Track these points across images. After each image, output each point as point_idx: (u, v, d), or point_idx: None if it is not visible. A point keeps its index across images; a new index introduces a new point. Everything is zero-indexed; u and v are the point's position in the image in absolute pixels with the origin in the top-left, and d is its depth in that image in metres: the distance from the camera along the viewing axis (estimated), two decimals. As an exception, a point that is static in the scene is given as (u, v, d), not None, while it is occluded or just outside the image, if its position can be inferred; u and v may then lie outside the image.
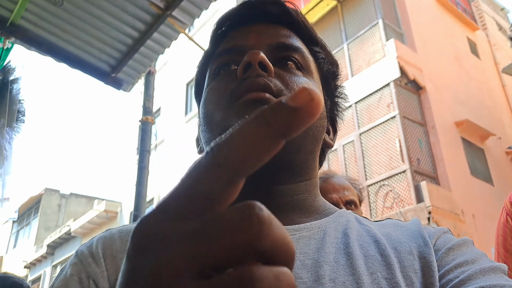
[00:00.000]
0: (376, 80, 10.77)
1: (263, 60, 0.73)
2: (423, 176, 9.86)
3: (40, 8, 3.30)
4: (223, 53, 0.82)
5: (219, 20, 0.88)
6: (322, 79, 0.86)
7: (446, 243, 0.70)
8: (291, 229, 0.72)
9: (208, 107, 0.78)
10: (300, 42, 0.84)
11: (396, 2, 12.16)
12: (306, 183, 0.79)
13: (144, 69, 3.86)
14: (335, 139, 0.89)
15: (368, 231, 0.74)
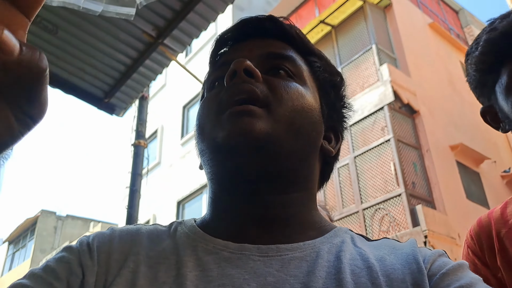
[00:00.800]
0: (370, 104, 10.86)
1: (248, 67, 0.74)
2: (418, 199, 9.86)
3: (35, 36, 3.39)
4: (218, 67, 0.85)
5: (217, 39, 0.90)
6: (319, 88, 0.86)
7: (441, 267, 0.68)
8: (284, 249, 0.70)
9: (199, 119, 0.79)
10: (294, 52, 0.85)
11: (389, 28, 12.34)
12: (300, 194, 0.77)
13: (137, 95, 3.94)
14: (338, 147, 0.87)
15: (361, 255, 0.72)
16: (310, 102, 0.79)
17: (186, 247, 0.72)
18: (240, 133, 0.69)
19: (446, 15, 15.89)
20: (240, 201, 0.75)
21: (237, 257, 0.69)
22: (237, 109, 0.71)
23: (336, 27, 12.80)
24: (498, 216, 1.19)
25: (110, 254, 0.70)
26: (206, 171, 0.79)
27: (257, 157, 0.71)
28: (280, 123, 0.72)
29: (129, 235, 0.76)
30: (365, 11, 12.15)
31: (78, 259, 0.68)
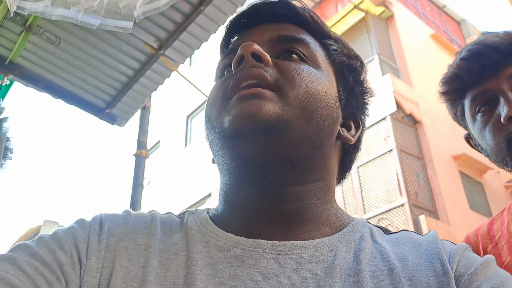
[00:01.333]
0: (373, 114, 10.85)
1: (256, 51, 0.71)
2: (421, 210, 9.83)
3: (38, 47, 3.43)
4: (227, 53, 0.81)
5: (227, 26, 0.86)
6: (336, 72, 0.81)
7: (468, 266, 0.64)
8: (299, 246, 0.66)
9: (208, 107, 0.76)
10: (308, 35, 0.81)
11: (391, 39, 12.38)
12: (314, 185, 0.72)
13: (138, 105, 3.97)
14: (358, 135, 0.82)
15: (382, 254, 0.67)
16: (325, 85, 0.74)
17: (197, 242, 0.68)
18: (247, 115, 0.65)
19: (448, 26, 15.94)
20: (251, 193, 0.71)
21: (250, 255, 0.65)
22: (244, 92, 0.68)
23: (338, 37, 12.85)
24: (484, 232, 1.19)
25: (121, 239, 0.67)
26: (216, 162, 0.76)
27: (266, 142, 0.66)
28: (292, 107, 0.68)
29: (143, 222, 0.73)
30: (367, 22, 12.21)
31: (87, 236, 0.67)
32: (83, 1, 1.24)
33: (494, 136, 1.09)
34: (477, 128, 1.15)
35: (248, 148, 0.67)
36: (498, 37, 1.12)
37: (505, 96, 1.07)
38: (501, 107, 1.07)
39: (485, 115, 1.12)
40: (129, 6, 1.28)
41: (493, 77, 1.10)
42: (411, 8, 13.92)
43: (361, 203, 10.35)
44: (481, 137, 1.14)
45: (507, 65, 1.09)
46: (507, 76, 1.09)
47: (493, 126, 1.09)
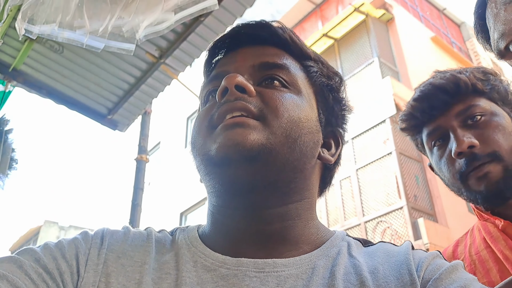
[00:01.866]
0: (373, 117, 10.90)
1: (240, 83, 0.73)
2: (420, 212, 9.84)
3: (42, 55, 3.48)
4: (210, 80, 0.83)
5: (210, 48, 0.88)
6: (316, 93, 0.83)
7: (434, 272, 0.68)
8: (280, 264, 0.70)
9: (193, 134, 0.78)
10: (289, 58, 0.83)
11: (391, 41, 12.41)
12: (296, 205, 0.75)
13: (139, 112, 4.03)
14: (338, 152, 0.85)
15: (355, 267, 0.71)
16: (306, 112, 0.77)
17: (186, 261, 0.72)
18: (233, 144, 0.68)
19: (448, 28, 15.97)
20: (237, 215, 0.74)
21: (234, 274, 0.68)
22: (229, 121, 0.71)
23: (338, 40, 12.89)
24: (449, 255, 1.24)
25: (119, 257, 0.71)
26: (204, 185, 0.78)
27: (251, 168, 0.69)
28: (276, 135, 0.70)
29: (140, 240, 0.77)
30: (368, 25, 12.24)
31: (88, 248, 0.71)
32: (88, 25, 1.30)
33: (448, 169, 1.18)
34: (434, 160, 1.24)
35: (234, 174, 0.70)
36: (445, 79, 1.21)
37: (455, 133, 1.15)
38: (451, 143, 1.16)
39: (440, 148, 1.21)
40: (132, 30, 1.34)
41: (443, 115, 1.20)
42: (411, 11, 13.96)
43: (360, 206, 10.38)
44: (439, 168, 1.22)
45: (454, 104, 1.19)
46: (455, 114, 1.18)
47: (447, 159, 1.18)
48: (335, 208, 10.84)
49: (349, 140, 11.12)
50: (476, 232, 1.21)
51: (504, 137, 1.13)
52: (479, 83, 1.19)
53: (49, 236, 25.51)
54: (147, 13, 1.29)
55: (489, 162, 1.10)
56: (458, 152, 1.12)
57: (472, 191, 1.14)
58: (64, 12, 1.28)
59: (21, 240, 26.67)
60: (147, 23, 1.31)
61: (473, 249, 1.18)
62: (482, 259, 1.11)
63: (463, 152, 1.12)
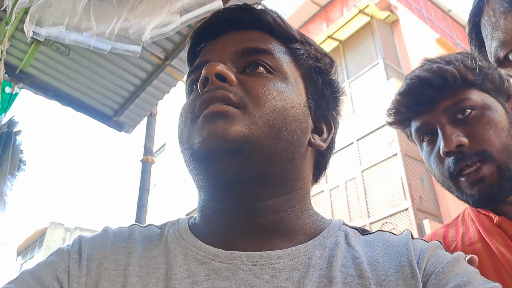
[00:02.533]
0: (378, 118, 10.88)
1: (220, 71, 0.71)
2: (426, 214, 9.82)
3: (48, 57, 3.51)
4: (193, 70, 0.81)
5: (192, 36, 0.86)
6: (304, 77, 0.80)
7: (436, 265, 0.66)
8: (275, 256, 0.68)
9: (179, 127, 0.76)
10: (274, 42, 0.80)
11: (396, 43, 12.40)
12: (288, 196, 0.73)
13: (145, 113, 4.05)
14: (331, 137, 0.82)
15: (354, 258, 0.69)
16: (292, 98, 0.74)
17: (177, 254, 0.70)
18: (215, 137, 0.66)
19: (453, 30, 15.93)
20: (227, 208, 0.72)
21: (227, 267, 0.67)
22: (209, 110, 0.69)
23: (343, 42, 12.88)
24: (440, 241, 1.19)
25: (101, 263, 0.69)
26: (193, 179, 0.76)
27: (236, 161, 0.67)
28: (259, 125, 0.68)
29: (121, 241, 0.74)
30: (372, 26, 12.23)
31: (67, 266, 0.68)
32: (95, 28, 1.31)
33: (438, 166, 1.12)
34: (424, 155, 1.19)
35: (219, 169, 0.68)
36: (431, 72, 1.14)
37: (442, 130, 1.10)
38: (439, 141, 1.10)
39: (429, 144, 1.16)
40: (138, 32, 1.35)
41: (430, 111, 1.13)
42: (416, 12, 13.92)
43: (365, 207, 10.36)
44: (429, 164, 1.17)
45: (442, 98, 1.12)
46: (443, 110, 1.11)
47: (436, 157, 1.13)
48: (341, 210, 10.83)
49: (354, 141, 11.12)
50: (469, 220, 1.16)
51: (496, 134, 1.07)
52: (469, 74, 1.11)
53: (55, 237, 25.59)
54: (153, 15, 1.31)
55: (480, 161, 1.05)
56: (446, 152, 1.07)
57: (463, 193, 1.09)
58: (71, 14, 1.30)
59: (27, 241, 26.77)
60: (153, 25, 1.32)
61: (466, 239, 1.13)
62: (476, 252, 1.05)
63: (451, 152, 1.07)
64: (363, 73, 11.89)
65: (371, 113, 11.10)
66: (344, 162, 11.25)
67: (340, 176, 11.21)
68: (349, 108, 11.73)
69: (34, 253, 26.43)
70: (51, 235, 25.68)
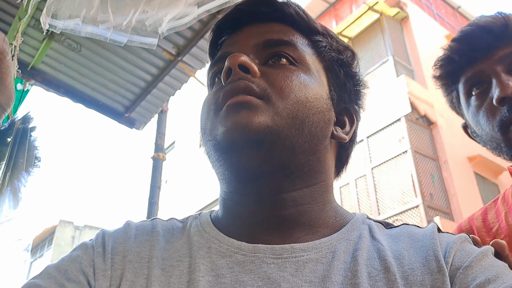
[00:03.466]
0: (388, 115, 10.85)
1: (244, 62, 0.71)
2: (436, 211, 9.78)
3: (60, 54, 3.52)
4: (215, 62, 0.81)
5: (214, 29, 0.86)
6: (326, 69, 0.80)
7: (464, 259, 0.64)
8: (299, 249, 0.67)
9: (201, 119, 0.77)
10: (296, 34, 0.79)
11: (406, 40, 12.33)
12: (311, 189, 0.73)
13: (156, 110, 4.04)
14: (353, 130, 0.82)
15: (379, 252, 0.68)
16: (315, 90, 0.74)
17: (200, 247, 0.70)
18: (238, 128, 0.66)
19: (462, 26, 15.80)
20: (249, 201, 0.72)
21: (251, 260, 0.66)
22: (233, 101, 0.69)
23: (353, 39, 12.83)
24: (480, 224, 1.15)
25: (125, 255, 0.69)
26: (215, 172, 0.76)
27: (259, 153, 0.67)
28: (282, 116, 0.68)
29: (144, 234, 0.74)
30: (382, 23, 12.17)
31: (91, 260, 0.68)
32: (112, 20, 1.30)
33: (488, 120, 1.06)
34: (471, 113, 1.12)
35: (242, 160, 0.68)
36: (493, 18, 1.09)
37: (498, 78, 1.04)
38: (494, 89, 1.04)
39: (478, 98, 1.09)
40: (154, 24, 1.34)
41: (485, 59, 1.08)
42: (425, 9, 13.85)
43: (375, 205, 10.34)
44: (476, 122, 1.11)
45: (500, 47, 1.07)
46: (500, 58, 1.06)
47: (487, 109, 1.06)
48: (351, 207, 10.80)
49: (364, 138, 11.08)
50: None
51: None
52: None
53: (65, 236, 25.72)
54: (170, 6, 1.29)
55: None
56: (501, 98, 1.00)
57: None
58: (88, 7, 1.28)
59: (37, 239, 26.93)
60: (170, 17, 1.31)
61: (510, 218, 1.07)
62: None
63: (507, 98, 1.00)
64: (372, 70, 11.84)
65: (381, 110, 11.05)
66: (354, 160, 11.08)
67: (350, 174, 11.18)
68: (358, 105, 11.68)
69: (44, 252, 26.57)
70: (61, 233, 25.81)
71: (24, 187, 2.13)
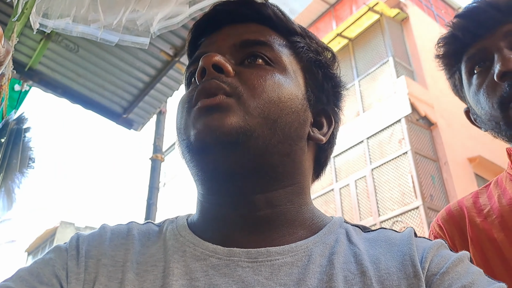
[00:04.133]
0: (388, 116, 10.84)
1: (217, 62, 0.71)
2: (436, 212, 9.75)
3: (57, 54, 3.52)
4: (192, 62, 0.81)
5: (192, 29, 0.86)
6: (304, 70, 0.80)
7: (440, 265, 0.64)
8: (274, 252, 0.67)
9: (176, 118, 0.76)
10: (273, 35, 0.79)
11: (406, 40, 12.33)
12: (286, 190, 0.72)
13: (154, 111, 4.04)
14: (331, 131, 0.81)
15: (356, 256, 0.67)
16: (290, 90, 0.73)
17: (174, 251, 0.70)
18: (209, 130, 0.66)
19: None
20: (224, 201, 0.72)
21: (225, 263, 0.66)
22: (203, 102, 0.69)
23: (353, 40, 12.84)
24: (470, 205, 1.14)
25: (99, 259, 0.69)
26: (190, 172, 0.76)
27: (231, 153, 0.67)
28: (254, 116, 0.68)
29: (119, 238, 0.74)
30: (382, 24, 12.17)
31: (65, 263, 0.68)
32: (102, 19, 1.30)
33: (488, 98, 1.04)
34: (472, 93, 1.10)
35: (214, 161, 0.68)
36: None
37: (500, 53, 1.02)
38: (495, 65, 1.01)
39: (480, 76, 1.07)
40: (146, 23, 1.33)
41: (489, 35, 1.05)
42: (425, 10, 13.84)
43: (375, 206, 10.32)
44: (476, 101, 1.08)
45: (504, 22, 1.04)
46: (504, 33, 1.04)
47: (487, 86, 1.04)
48: (350, 208, 10.79)
49: (364, 139, 11.08)
50: (507, 182, 1.10)
51: None
52: None
53: (66, 237, 25.73)
54: (161, 5, 1.29)
55: None
56: (502, 72, 0.98)
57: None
58: (78, 6, 1.28)
59: (38, 241, 26.97)
60: (161, 16, 1.30)
61: (505, 199, 1.06)
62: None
63: (508, 72, 0.98)
64: (372, 71, 11.84)
65: (381, 111, 11.05)
66: (353, 161, 11.20)
67: (349, 175, 11.17)
68: (358, 106, 11.69)
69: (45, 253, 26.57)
70: (62, 235, 25.84)
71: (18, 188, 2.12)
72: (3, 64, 0.62)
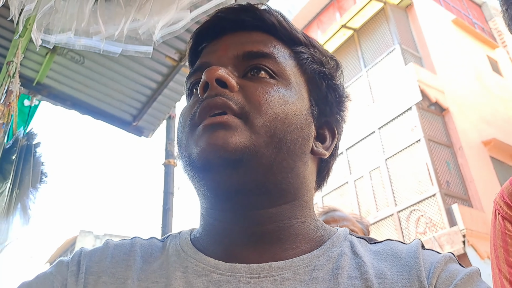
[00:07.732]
0: (398, 105, 10.77)
1: (221, 77, 0.68)
2: (454, 198, 9.69)
3: (63, 67, 3.52)
4: (193, 72, 0.78)
5: (193, 36, 0.83)
6: (307, 82, 0.78)
7: (448, 282, 0.62)
8: (276, 267, 0.65)
9: (178, 132, 0.74)
10: (277, 45, 0.77)
11: (412, 27, 12.23)
12: (291, 205, 0.71)
13: (163, 116, 4.04)
14: (334, 144, 0.80)
15: (361, 270, 0.66)
16: (294, 105, 0.71)
17: (176, 267, 0.69)
18: (214, 149, 0.64)
19: (469, 10, 15.64)
20: (227, 217, 0.70)
21: (227, 280, 0.65)
22: (209, 121, 0.67)
23: (358, 30, 12.77)
24: None
25: (100, 276, 0.68)
26: (193, 187, 0.75)
27: (235, 173, 0.65)
28: (260, 135, 0.66)
29: (121, 254, 0.73)
30: (386, 12, 12.09)
31: (64, 278, 0.68)
32: (103, 30, 1.28)
33: None
34: None
35: (217, 179, 0.67)
36: None
37: None
38: None
39: None
40: (148, 31, 1.32)
41: None
42: (430, -6, 13.71)
43: (391, 196, 10.27)
44: None
45: None
46: None
47: None
48: (367, 200, 10.76)
49: (375, 130, 11.02)
50: None
51: None
52: None
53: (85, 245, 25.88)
54: (162, 13, 1.27)
55: None
56: None
57: None
58: (78, 19, 1.27)
59: (59, 251, 27.24)
60: (162, 23, 1.28)
61: None
62: None
63: None
64: (380, 60, 11.77)
65: (391, 100, 10.98)
66: (367, 152, 11.15)
67: (363, 166, 11.12)
68: (368, 97, 11.63)
69: (66, 262, 26.86)
70: (81, 243, 26.10)
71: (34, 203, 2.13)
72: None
